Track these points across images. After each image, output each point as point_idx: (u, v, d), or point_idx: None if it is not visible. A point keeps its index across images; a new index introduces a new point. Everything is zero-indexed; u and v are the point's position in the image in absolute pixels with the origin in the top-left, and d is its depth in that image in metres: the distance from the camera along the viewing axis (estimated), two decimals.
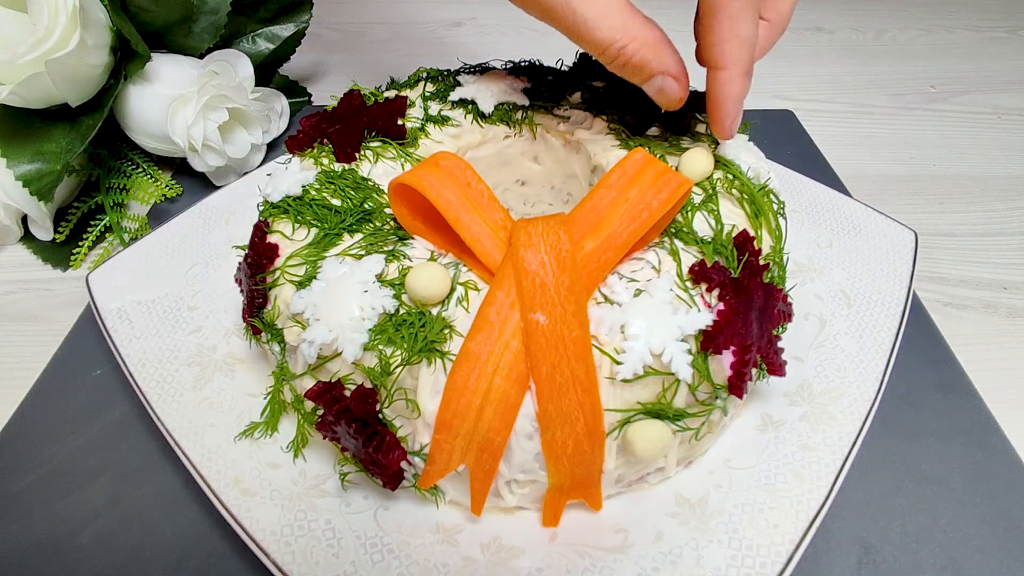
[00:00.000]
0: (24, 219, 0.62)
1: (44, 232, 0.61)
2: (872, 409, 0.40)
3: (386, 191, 0.43)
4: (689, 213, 0.40)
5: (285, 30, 0.73)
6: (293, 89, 0.78)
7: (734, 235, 0.38)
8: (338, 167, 0.44)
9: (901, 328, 0.44)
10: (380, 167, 0.44)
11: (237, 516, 0.35)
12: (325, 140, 0.45)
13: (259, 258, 0.40)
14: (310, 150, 0.45)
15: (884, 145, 0.76)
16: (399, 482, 0.36)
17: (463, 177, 0.37)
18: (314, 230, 0.40)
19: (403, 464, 0.35)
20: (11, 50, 0.51)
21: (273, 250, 0.40)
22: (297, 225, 0.40)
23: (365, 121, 0.46)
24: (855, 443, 0.39)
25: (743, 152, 0.44)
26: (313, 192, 0.42)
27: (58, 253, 0.61)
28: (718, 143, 0.44)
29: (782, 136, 0.73)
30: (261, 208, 0.43)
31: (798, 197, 0.54)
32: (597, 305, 0.36)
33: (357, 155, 0.45)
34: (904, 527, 0.40)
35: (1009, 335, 0.54)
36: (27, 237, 0.63)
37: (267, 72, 0.75)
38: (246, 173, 0.66)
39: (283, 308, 0.38)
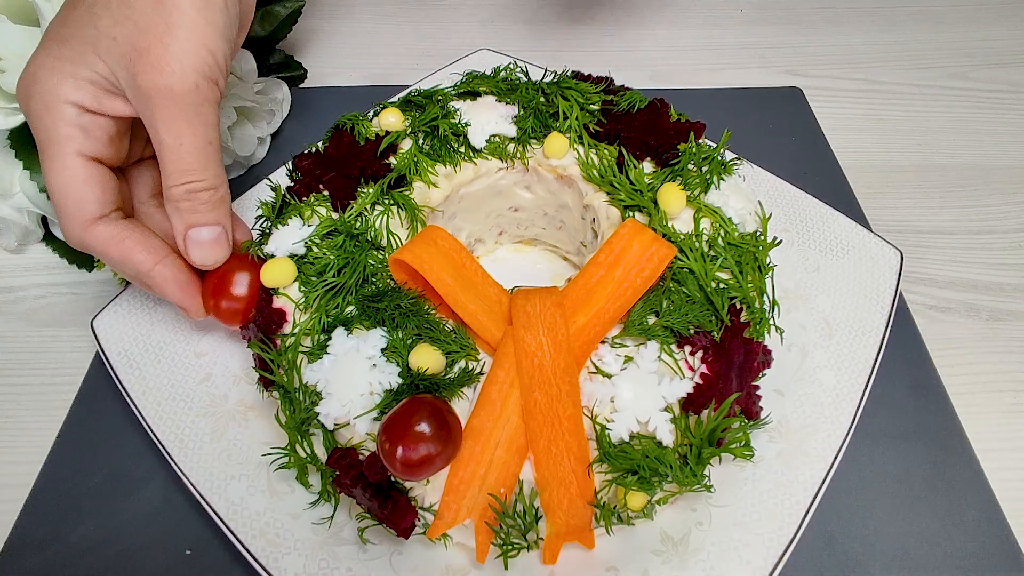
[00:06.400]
0: (44, 219, 0.62)
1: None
2: (841, 449, 0.43)
3: (384, 240, 0.45)
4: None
5: (284, 8, 0.73)
6: (289, 65, 0.77)
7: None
8: (336, 215, 0.45)
9: (876, 364, 0.46)
10: (378, 210, 0.46)
11: (267, 566, 0.39)
12: (322, 186, 0.46)
13: (267, 323, 0.42)
14: (307, 199, 0.46)
15: (894, 130, 0.73)
16: (410, 533, 0.40)
17: (457, 258, 0.39)
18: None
19: None
20: None
21: (281, 315, 0.42)
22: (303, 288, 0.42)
23: (359, 166, 0.46)
24: (824, 481, 0.42)
25: (731, 197, 0.45)
26: (315, 248, 0.43)
27: (81, 253, 0.60)
28: (709, 186, 0.45)
29: (788, 120, 0.71)
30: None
31: (791, 214, 0.55)
32: (590, 378, 0.39)
33: (352, 202, 0.46)
34: (864, 521, 0.45)
35: (986, 339, 0.56)
36: (48, 237, 0.62)
37: (264, 51, 0.74)
38: (252, 167, 0.67)
39: (296, 376, 0.40)
